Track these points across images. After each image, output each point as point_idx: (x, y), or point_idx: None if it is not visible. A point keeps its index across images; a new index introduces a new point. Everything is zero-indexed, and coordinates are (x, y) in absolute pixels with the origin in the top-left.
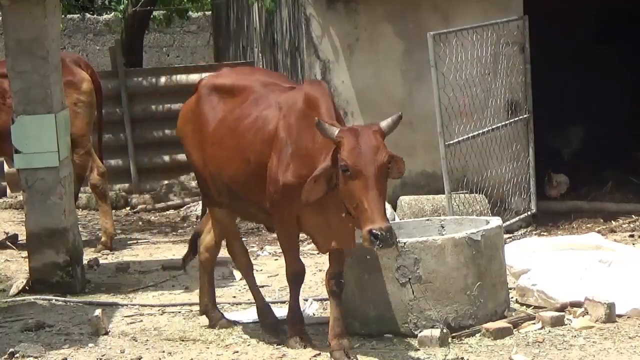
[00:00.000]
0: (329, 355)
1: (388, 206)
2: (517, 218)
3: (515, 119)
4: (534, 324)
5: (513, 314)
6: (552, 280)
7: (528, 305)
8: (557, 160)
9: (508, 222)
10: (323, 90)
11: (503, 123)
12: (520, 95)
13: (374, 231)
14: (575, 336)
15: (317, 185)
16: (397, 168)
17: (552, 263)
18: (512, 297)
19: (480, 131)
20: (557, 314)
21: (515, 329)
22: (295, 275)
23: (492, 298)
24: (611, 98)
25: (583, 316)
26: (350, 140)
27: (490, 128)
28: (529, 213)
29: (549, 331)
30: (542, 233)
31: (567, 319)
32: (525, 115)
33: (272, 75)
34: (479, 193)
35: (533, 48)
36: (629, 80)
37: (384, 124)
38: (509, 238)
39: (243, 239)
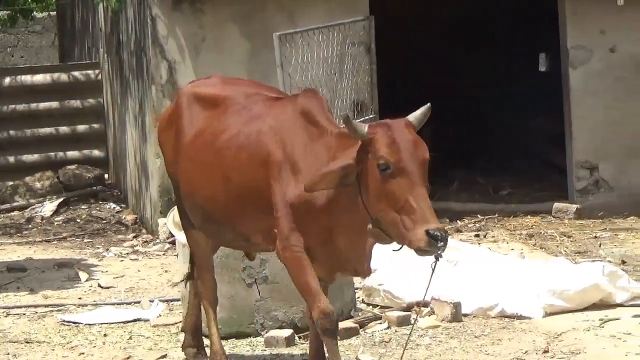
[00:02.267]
0: (174, 356)
1: None
2: None
3: (362, 119)
4: (380, 323)
5: (359, 314)
6: (398, 280)
7: (374, 305)
8: None
9: None
10: (319, 100)
11: None
12: (366, 95)
13: (432, 232)
14: (421, 335)
15: (327, 177)
16: None
17: (398, 263)
18: (358, 297)
19: None
20: (404, 313)
21: (362, 329)
22: (327, 320)
23: (339, 298)
24: (460, 98)
25: (429, 315)
26: (386, 136)
27: None
28: None
29: (395, 331)
30: None
31: (414, 318)
32: (372, 116)
33: (259, 86)
34: None
35: (380, 48)
36: (479, 79)
37: (412, 117)
38: None
39: (88, 240)
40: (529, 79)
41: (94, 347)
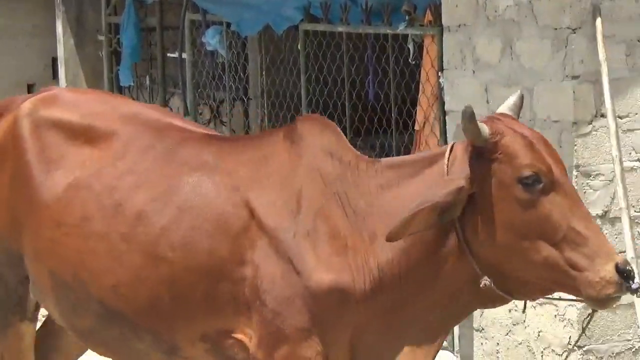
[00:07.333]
0: None
1: None
2: None
3: None
4: None
5: None
6: None
7: None
8: None
9: None
10: (332, 128)
11: None
12: None
13: (622, 267)
14: None
15: (423, 214)
16: None
17: None
18: None
19: None
20: None
21: None
22: None
23: None
24: None
25: None
26: (519, 136)
27: None
28: None
29: None
30: None
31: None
32: None
33: (147, 109)
34: None
35: None
36: None
37: (505, 108)
38: None
39: None
40: None
41: None
